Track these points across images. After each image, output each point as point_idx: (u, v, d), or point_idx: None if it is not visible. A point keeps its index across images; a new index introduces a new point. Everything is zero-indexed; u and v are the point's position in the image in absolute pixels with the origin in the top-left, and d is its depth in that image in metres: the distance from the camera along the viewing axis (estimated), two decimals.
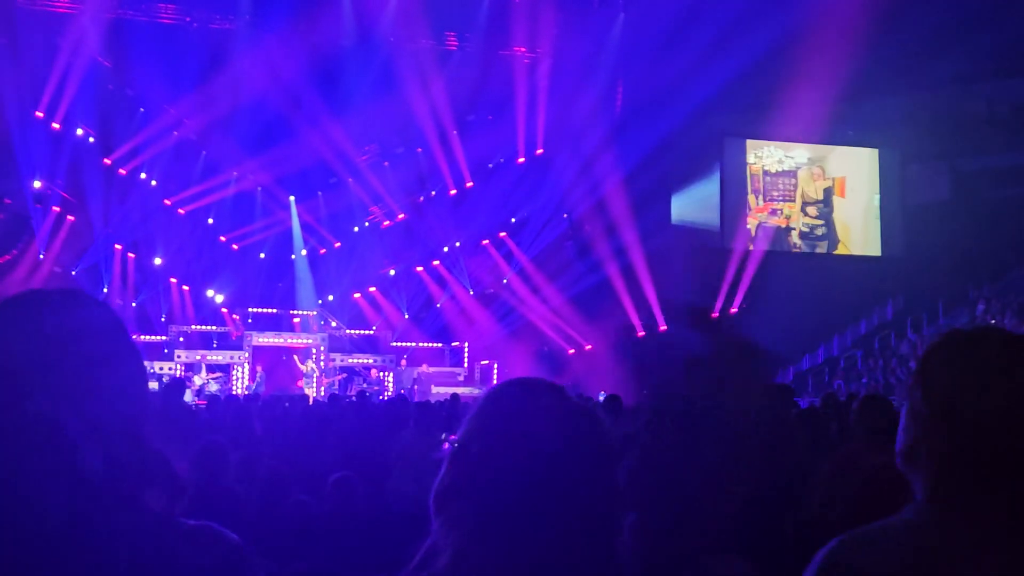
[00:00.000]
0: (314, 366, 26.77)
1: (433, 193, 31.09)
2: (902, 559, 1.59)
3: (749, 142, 31.79)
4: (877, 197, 32.57)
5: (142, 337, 26.45)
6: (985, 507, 1.59)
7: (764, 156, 31.86)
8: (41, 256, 26.75)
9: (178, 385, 10.62)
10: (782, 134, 30.63)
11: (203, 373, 25.12)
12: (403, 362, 28.27)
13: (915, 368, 1.74)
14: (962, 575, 1.55)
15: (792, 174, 31.97)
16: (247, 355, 26.34)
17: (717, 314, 30.09)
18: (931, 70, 27.91)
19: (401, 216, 31.38)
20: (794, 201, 32.03)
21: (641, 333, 29.30)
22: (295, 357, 27.27)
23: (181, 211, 29.41)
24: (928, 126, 30.60)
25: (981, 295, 28.48)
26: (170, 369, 24.45)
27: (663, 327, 29.03)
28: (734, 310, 30.10)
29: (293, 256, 31.24)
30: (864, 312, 30.95)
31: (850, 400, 9.54)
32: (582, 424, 1.60)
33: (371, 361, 27.93)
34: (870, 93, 28.80)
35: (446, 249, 31.51)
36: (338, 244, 31.71)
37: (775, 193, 31.95)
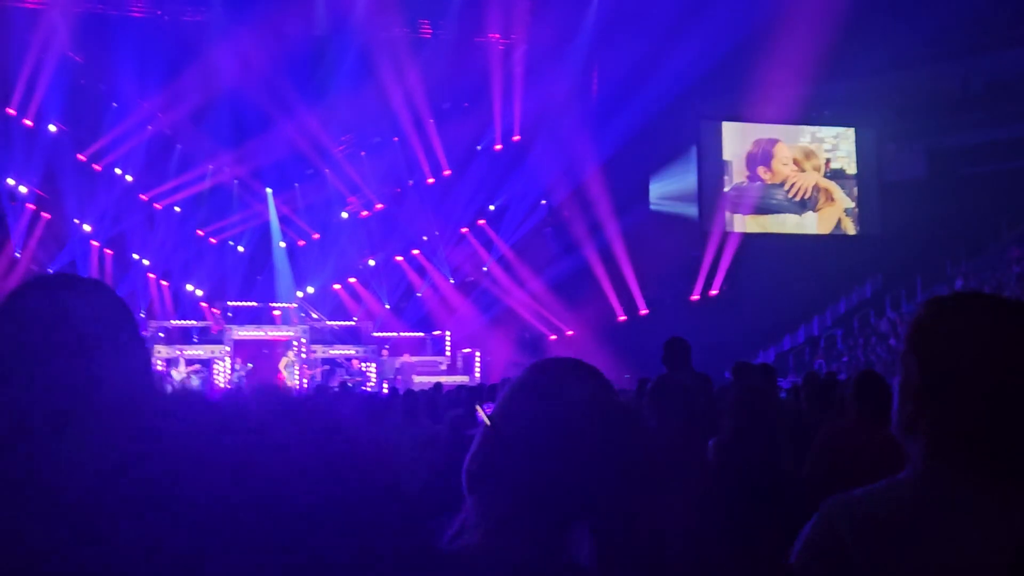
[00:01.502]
0: (293, 357, 26.67)
1: (411, 182, 31.02)
2: (897, 513, 1.59)
3: (725, 124, 31.84)
4: (855, 176, 32.72)
5: None
6: (981, 468, 1.58)
7: (726, 135, 31.91)
8: (17, 255, 26.57)
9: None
10: (758, 115, 30.66)
11: (181, 367, 25.00)
12: (385, 352, 28.18)
13: (907, 336, 1.72)
14: (956, 529, 1.55)
15: (768, 155, 32.02)
16: (228, 349, 26.23)
17: (698, 296, 30.20)
18: (905, 49, 28.04)
19: (379, 206, 31.27)
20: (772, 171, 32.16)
21: (622, 317, 29.36)
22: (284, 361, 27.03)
23: (157, 206, 29.25)
24: (903, 104, 30.77)
25: (959, 271, 28.65)
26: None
27: (644, 311, 29.10)
28: (714, 292, 30.21)
29: (272, 248, 31.12)
30: (843, 291, 31.10)
31: (830, 379, 9.56)
32: (619, 410, 1.54)
33: (353, 352, 27.85)
34: (845, 73, 28.86)
35: (425, 238, 31.47)
36: (317, 235, 31.60)
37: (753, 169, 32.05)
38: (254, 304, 29.16)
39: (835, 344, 28.80)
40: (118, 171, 28.16)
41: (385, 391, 20.59)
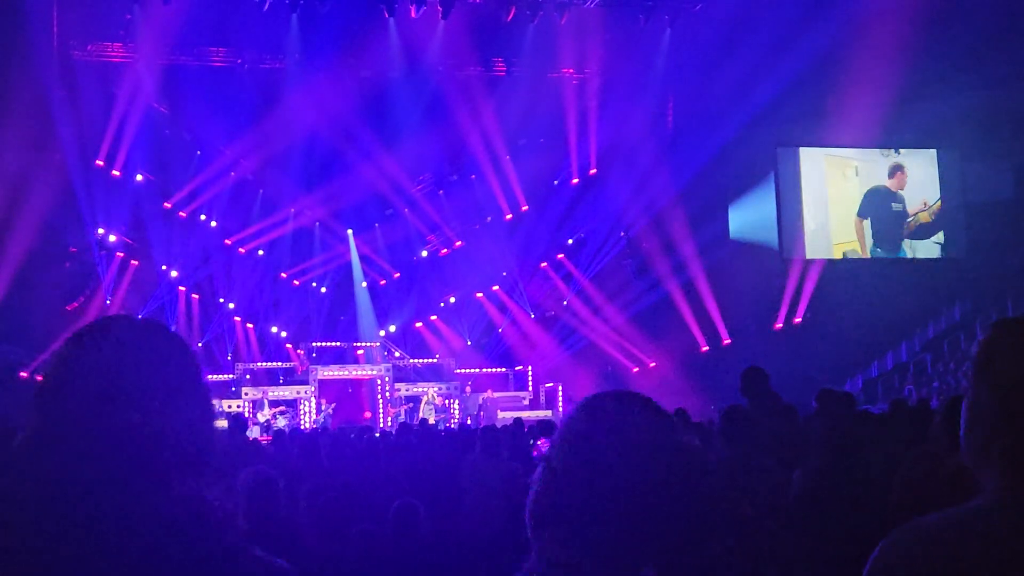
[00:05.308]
0: (433, 396, 26.89)
1: (489, 219, 31.17)
2: (973, 543, 1.53)
3: (803, 150, 31.44)
4: (938, 198, 32.06)
5: (209, 376, 26.64)
6: None
7: (804, 161, 31.38)
8: (108, 302, 27.18)
9: (241, 422, 10.76)
10: (836, 140, 30.26)
11: (266, 409, 25.31)
12: (468, 388, 28.28)
13: (976, 359, 1.66)
14: None
15: (848, 178, 31.54)
16: (313, 389, 26.52)
17: (782, 324, 29.77)
18: (986, 67, 27.52)
19: (458, 243, 31.51)
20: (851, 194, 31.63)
21: (705, 348, 29.06)
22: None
23: (242, 250, 29.80)
24: (986, 124, 30.10)
25: None
26: (238, 407, 24.65)
27: (726, 341, 28.77)
28: (798, 320, 29.78)
29: (354, 289, 31.48)
30: (931, 315, 30.38)
31: (923, 406, 9.35)
32: (677, 445, 1.50)
33: (436, 389, 27.98)
34: (925, 93, 28.38)
35: (505, 274, 31.58)
36: (397, 274, 31.91)
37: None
38: (338, 344, 29.51)
39: (925, 370, 28.17)
40: (203, 217, 28.79)
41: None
